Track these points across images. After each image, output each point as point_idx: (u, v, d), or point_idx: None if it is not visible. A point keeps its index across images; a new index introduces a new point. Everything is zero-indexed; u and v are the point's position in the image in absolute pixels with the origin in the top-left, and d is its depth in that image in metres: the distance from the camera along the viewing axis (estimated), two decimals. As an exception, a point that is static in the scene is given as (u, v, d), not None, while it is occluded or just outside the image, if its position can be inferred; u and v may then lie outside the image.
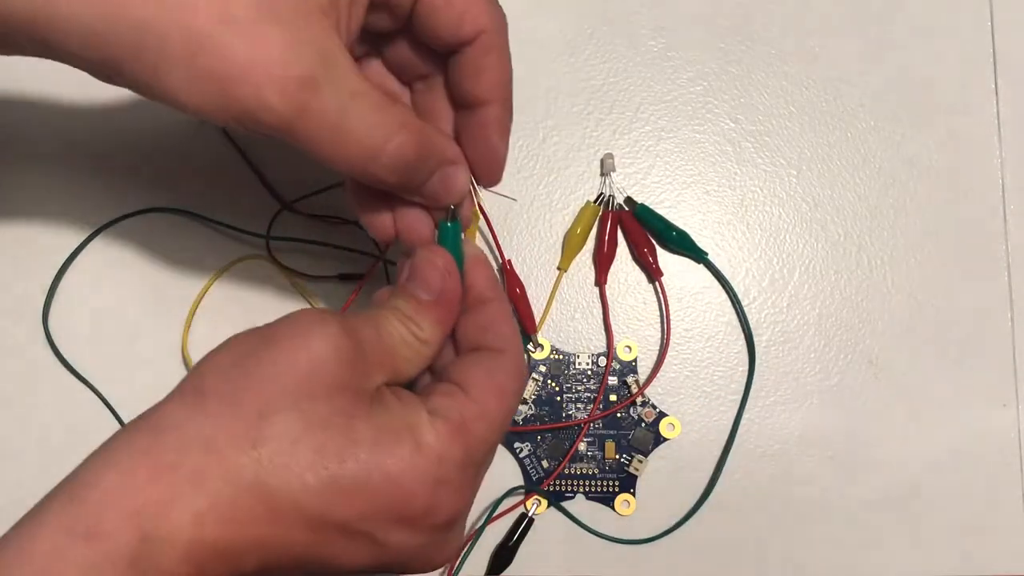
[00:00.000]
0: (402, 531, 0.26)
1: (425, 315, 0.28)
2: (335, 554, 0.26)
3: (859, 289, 0.41)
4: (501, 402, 0.28)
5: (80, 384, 0.39)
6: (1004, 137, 0.43)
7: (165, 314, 0.40)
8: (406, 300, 0.28)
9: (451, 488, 0.26)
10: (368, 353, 0.27)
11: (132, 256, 0.40)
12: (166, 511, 0.23)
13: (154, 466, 0.23)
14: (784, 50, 0.43)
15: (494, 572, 0.38)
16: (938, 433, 0.40)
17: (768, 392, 0.41)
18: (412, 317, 0.28)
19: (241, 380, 0.25)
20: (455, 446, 0.26)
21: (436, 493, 0.26)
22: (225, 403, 0.25)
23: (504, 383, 0.28)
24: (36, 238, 0.40)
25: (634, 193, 0.42)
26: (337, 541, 0.25)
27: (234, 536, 0.24)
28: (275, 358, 0.25)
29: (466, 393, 0.27)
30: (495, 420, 0.27)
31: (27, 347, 0.40)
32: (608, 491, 0.39)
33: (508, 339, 0.29)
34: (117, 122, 0.41)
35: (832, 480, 0.40)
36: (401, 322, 0.28)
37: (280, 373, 0.25)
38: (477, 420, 0.27)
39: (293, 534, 0.25)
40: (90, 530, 0.23)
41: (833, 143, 0.42)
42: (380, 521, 0.25)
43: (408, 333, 0.28)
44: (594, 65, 0.43)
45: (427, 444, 0.26)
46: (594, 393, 0.40)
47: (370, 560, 0.26)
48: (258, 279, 0.40)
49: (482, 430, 0.27)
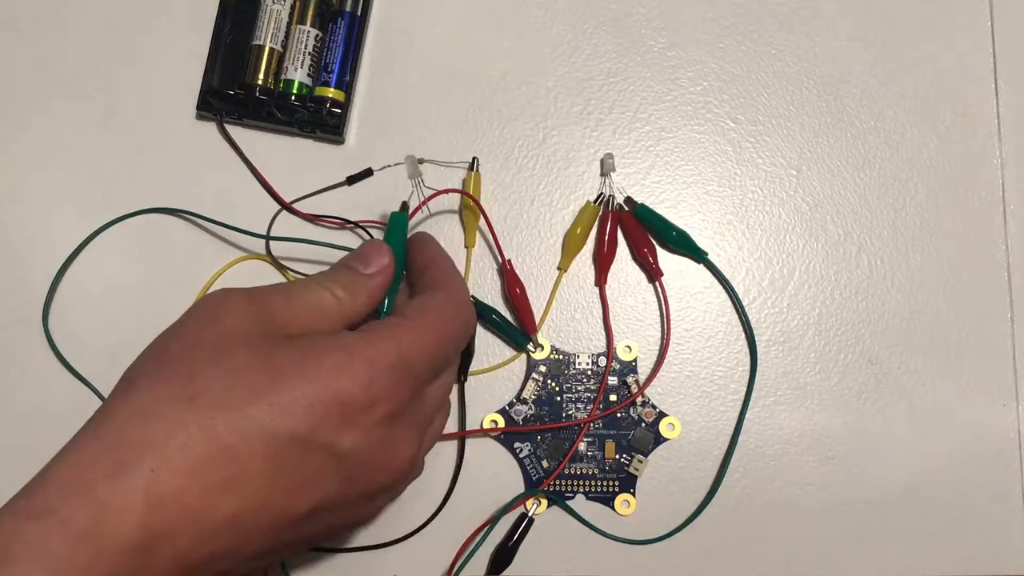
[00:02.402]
0: (349, 432, 0.27)
1: (358, 284, 0.32)
2: (301, 480, 0.27)
3: (859, 289, 0.41)
4: (431, 320, 0.30)
5: (80, 384, 0.39)
6: (1004, 137, 0.43)
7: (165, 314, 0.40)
8: (341, 271, 0.32)
9: (385, 385, 0.28)
10: (276, 311, 0.29)
11: (132, 256, 0.40)
12: (117, 480, 0.24)
13: (99, 448, 0.25)
14: (784, 50, 0.43)
15: (494, 572, 0.38)
16: (938, 433, 0.40)
17: (768, 392, 0.41)
18: (337, 281, 0.31)
19: (163, 358, 0.27)
20: (384, 353, 0.28)
21: (371, 388, 0.27)
22: (152, 378, 0.27)
23: (435, 306, 0.31)
24: (36, 238, 0.40)
25: (634, 193, 0.42)
26: (296, 462, 0.26)
27: (193, 484, 0.25)
28: (189, 332, 0.28)
29: (400, 316, 0.30)
30: (425, 333, 0.30)
31: (27, 347, 0.40)
32: (608, 491, 0.39)
33: (442, 282, 0.33)
34: (117, 122, 0.41)
35: (832, 480, 0.40)
36: (320, 284, 0.31)
37: (196, 341, 0.27)
38: (406, 332, 0.29)
39: (253, 465, 0.26)
40: (39, 510, 0.24)
41: (833, 143, 0.42)
42: (327, 428, 0.27)
43: (327, 293, 0.31)
44: (594, 65, 0.43)
45: (356, 349, 0.28)
46: (594, 393, 0.40)
47: (336, 481, 0.28)
48: (258, 279, 0.40)
49: (411, 339, 0.29)
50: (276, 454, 0.26)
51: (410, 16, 0.43)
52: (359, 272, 0.32)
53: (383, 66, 0.42)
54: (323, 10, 0.41)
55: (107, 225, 0.40)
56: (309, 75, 0.40)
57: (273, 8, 0.40)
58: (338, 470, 0.28)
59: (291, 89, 0.40)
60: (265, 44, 0.40)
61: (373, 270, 0.32)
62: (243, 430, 0.26)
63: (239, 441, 0.25)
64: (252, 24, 0.41)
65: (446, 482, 0.39)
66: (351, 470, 0.28)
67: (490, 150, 0.42)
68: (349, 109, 0.41)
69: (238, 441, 0.25)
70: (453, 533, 0.38)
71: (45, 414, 0.39)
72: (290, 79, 0.40)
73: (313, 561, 0.38)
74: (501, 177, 0.42)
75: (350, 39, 0.41)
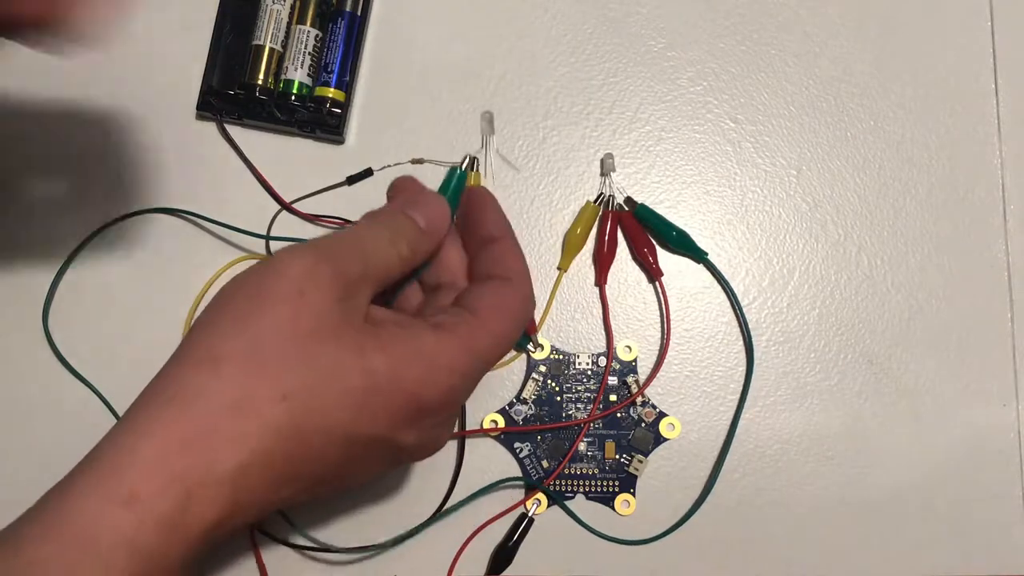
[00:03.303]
0: (415, 430, 0.29)
1: (420, 243, 0.31)
2: (358, 463, 0.29)
3: (859, 289, 0.41)
4: (504, 321, 0.30)
5: (80, 384, 0.39)
6: (1004, 137, 0.43)
7: (165, 314, 0.40)
8: (406, 224, 0.31)
9: (458, 393, 0.29)
10: (353, 283, 0.28)
11: (132, 256, 0.40)
12: (206, 472, 0.25)
13: (190, 434, 0.25)
14: (784, 50, 0.43)
15: (494, 572, 0.38)
16: (938, 433, 0.40)
17: (768, 392, 0.41)
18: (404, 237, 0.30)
19: (254, 344, 0.26)
20: (462, 358, 0.29)
21: (447, 397, 0.29)
22: (242, 367, 0.26)
23: (508, 304, 0.30)
24: (36, 238, 0.40)
25: (634, 193, 0.42)
26: (364, 454, 0.28)
27: (269, 475, 0.26)
28: (275, 317, 0.27)
29: (473, 314, 0.30)
30: (498, 336, 0.30)
31: (27, 347, 0.40)
32: (608, 491, 0.39)
33: (513, 270, 0.31)
34: (117, 122, 0.41)
35: (832, 480, 0.40)
36: (390, 242, 0.30)
37: (289, 333, 0.27)
38: (482, 335, 0.29)
39: (327, 458, 0.27)
40: (130, 496, 0.24)
41: (833, 143, 0.42)
42: (401, 430, 0.28)
43: (394, 253, 0.30)
44: (594, 65, 0.43)
45: (439, 358, 0.28)
46: (594, 393, 0.40)
47: (385, 464, 0.30)
48: (258, 279, 0.40)
49: (486, 344, 0.29)
50: (350, 449, 0.27)
51: (410, 16, 0.43)
52: (422, 231, 0.31)
53: (383, 66, 0.42)
54: (323, 10, 0.41)
55: (107, 225, 0.40)
56: (309, 75, 0.40)
57: (273, 8, 0.40)
58: (391, 456, 0.30)
59: (291, 89, 0.40)
60: (265, 44, 0.40)
61: (434, 231, 0.31)
62: (329, 432, 0.27)
63: (322, 441, 0.27)
64: (252, 24, 0.41)
65: (446, 482, 0.39)
66: (401, 454, 0.30)
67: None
68: (349, 109, 0.41)
69: (322, 441, 0.27)
70: (453, 533, 0.38)
71: (45, 414, 0.39)
72: (290, 79, 0.40)
73: (313, 561, 0.38)
74: (501, 177, 0.42)
75: (350, 39, 0.41)
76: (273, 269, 0.28)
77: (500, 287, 0.31)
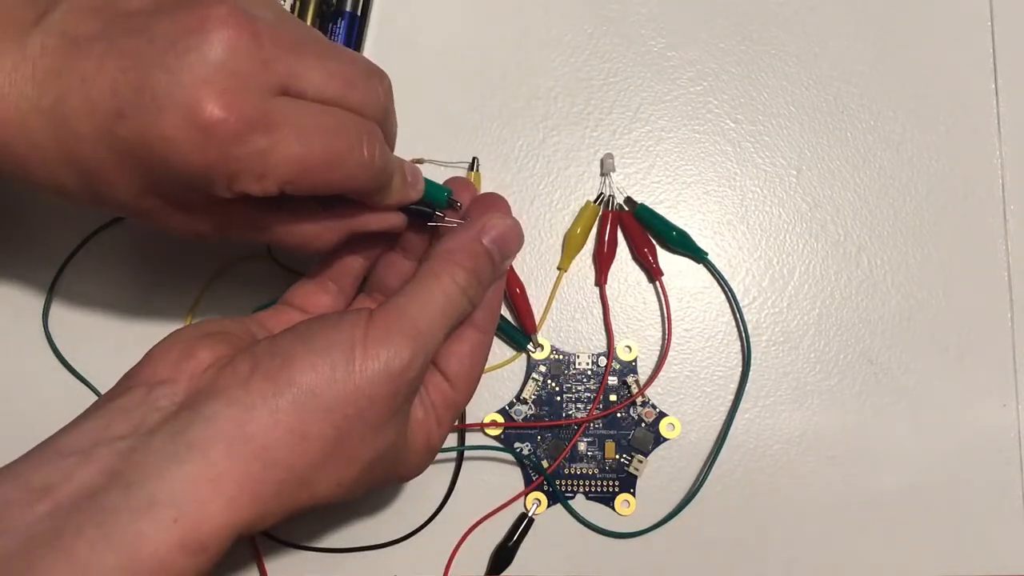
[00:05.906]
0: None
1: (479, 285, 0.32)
2: None
3: (859, 289, 0.41)
4: (468, 391, 0.33)
5: (80, 384, 0.39)
6: (1004, 137, 0.43)
7: (165, 314, 0.40)
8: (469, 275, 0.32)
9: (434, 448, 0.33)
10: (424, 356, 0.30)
11: (132, 256, 0.40)
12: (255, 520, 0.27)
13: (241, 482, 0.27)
14: (784, 50, 0.43)
15: (494, 572, 0.38)
16: (938, 433, 0.40)
17: (768, 392, 0.41)
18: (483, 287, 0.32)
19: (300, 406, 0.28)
20: (439, 429, 0.33)
21: (424, 456, 0.33)
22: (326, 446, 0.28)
23: (476, 372, 0.33)
24: (36, 238, 0.40)
25: (634, 193, 0.42)
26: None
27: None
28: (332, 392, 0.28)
29: (452, 387, 0.33)
30: (462, 404, 0.33)
31: (27, 347, 0.40)
32: (608, 491, 0.39)
33: (490, 322, 0.34)
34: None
35: (832, 480, 0.40)
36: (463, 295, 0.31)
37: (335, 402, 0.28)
38: (455, 408, 0.33)
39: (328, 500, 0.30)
40: (156, 502, 0.25)
41: (833, 143, 0.42)
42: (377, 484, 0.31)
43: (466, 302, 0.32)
44: (594, 65, 0.43)
45: (429, 438, 0.32)
46: (594, 393, 0.40)
47: None
48: (258, 279, 0.40)
49: (453, 415, 0.33)
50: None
51: (410, 16, 0.43)
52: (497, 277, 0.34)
53: (383, 66, 0.42)
54: (323, 10, 0.41)
55: (107, 225, 0.40)
56: (309, 75, 0.40)
57: (273, 8, 0.40)
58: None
59: (291, 89, 0.40)
60: (265, 44, 0.40)
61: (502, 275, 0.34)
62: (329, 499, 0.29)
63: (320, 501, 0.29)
64: (252, 24, 0.41)
65: (446, 482, 0.39)
66: None
67: (490, 150, 0.42)
68: (349, 109, 0.41)
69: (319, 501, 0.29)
70: (453, 533, 0.38)
71: (45, 414, 0.39)
72: (290, 79, 0.40)
73: (314, 561, 0.38)
74: (501, 177, 0.42)
75: (350, 39, 0.41)
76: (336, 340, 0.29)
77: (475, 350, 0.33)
